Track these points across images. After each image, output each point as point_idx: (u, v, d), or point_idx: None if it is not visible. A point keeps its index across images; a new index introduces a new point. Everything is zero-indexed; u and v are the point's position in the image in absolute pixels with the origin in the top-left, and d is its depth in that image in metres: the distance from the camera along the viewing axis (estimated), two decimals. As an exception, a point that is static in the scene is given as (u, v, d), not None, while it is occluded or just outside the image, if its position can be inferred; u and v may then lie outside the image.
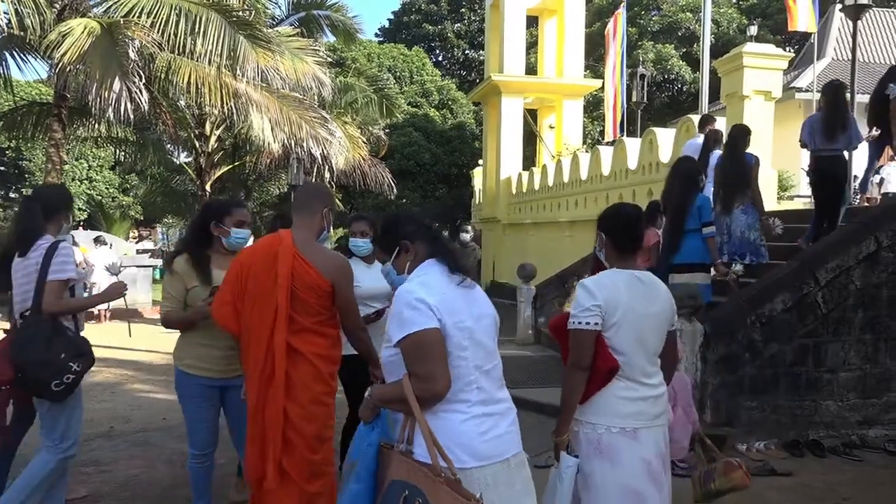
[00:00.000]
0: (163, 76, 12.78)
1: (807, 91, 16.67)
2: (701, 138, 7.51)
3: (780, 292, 5.52)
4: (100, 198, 29.95)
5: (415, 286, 2.30)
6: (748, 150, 6.29)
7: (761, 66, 9.76)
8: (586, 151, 16.82)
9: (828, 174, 6.69)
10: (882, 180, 12.54)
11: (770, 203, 7.47)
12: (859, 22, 10.21)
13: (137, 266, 16.64)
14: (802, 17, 13.45)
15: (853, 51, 9.98)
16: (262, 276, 2.95)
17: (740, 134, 6.37)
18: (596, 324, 2.66)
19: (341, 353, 3.17)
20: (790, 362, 5.51)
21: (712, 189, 6.42)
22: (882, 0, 29.80)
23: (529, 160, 23.19)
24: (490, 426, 2.35)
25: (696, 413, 4.13)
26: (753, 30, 19.54)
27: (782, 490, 4.55)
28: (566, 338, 2.75)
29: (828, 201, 6.74)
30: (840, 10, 15.12)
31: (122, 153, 18.58)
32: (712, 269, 5.85)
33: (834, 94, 6.75)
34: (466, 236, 8.31)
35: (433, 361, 2.20)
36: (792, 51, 22.48)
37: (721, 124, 10.53)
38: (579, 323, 2.68)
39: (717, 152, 6.75)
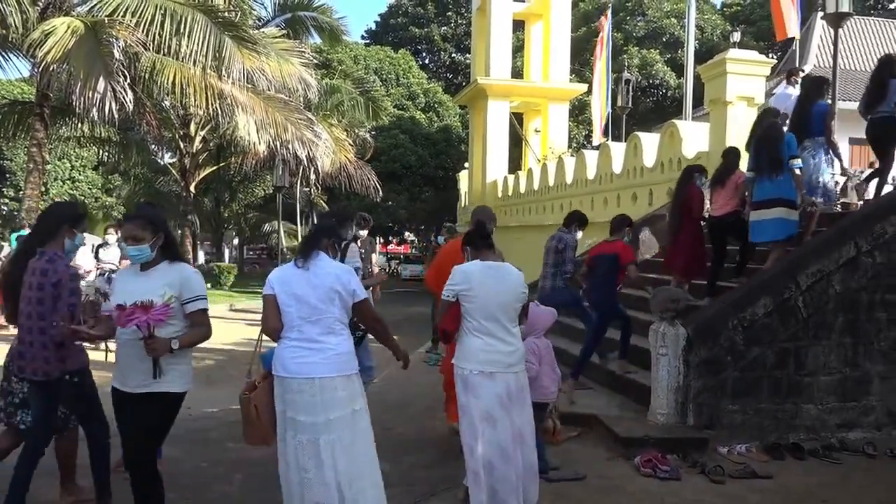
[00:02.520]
0: (147, 76, 12.71)
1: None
2: (790, 89, 8.11)
3: (761, 296, 5.57)
4: (82, 198, 29.66)
5: (273, 271, 3.74)
6: (822, 101, 6.69)
7: (744, 72, 9.86)
8: (572, 155, 16.90)
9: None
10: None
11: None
12: (840, 30, 10.33)
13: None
14: (788, 24, 13.59)
15: (834, 58, 10.09)
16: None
17: (814, 84, 6.78)
18: (452, 296, 3.87)
19: None
20: (771, 366, 5.55)
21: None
22: (863, 8, 30.24)
23: (515, 163, 23.27)
24: (300, 354, 3.44)
25: (559, 371, 4.81)
26: (737, 36, 19.71)
27: (763, 493, 4.59)
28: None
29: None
30: (822, 18, 15.32)
31: (106, 153, 18.44)
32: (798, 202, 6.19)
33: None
34: (440, 238, 8.81)
35: (267, 311, 3.54)
36: (775, 57, 22.70)
37: (704, 130, 10.65)
38: (444, 295, 3.94)
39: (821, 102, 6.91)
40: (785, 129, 6.61)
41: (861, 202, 7.59)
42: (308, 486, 3.40)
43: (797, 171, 6.06)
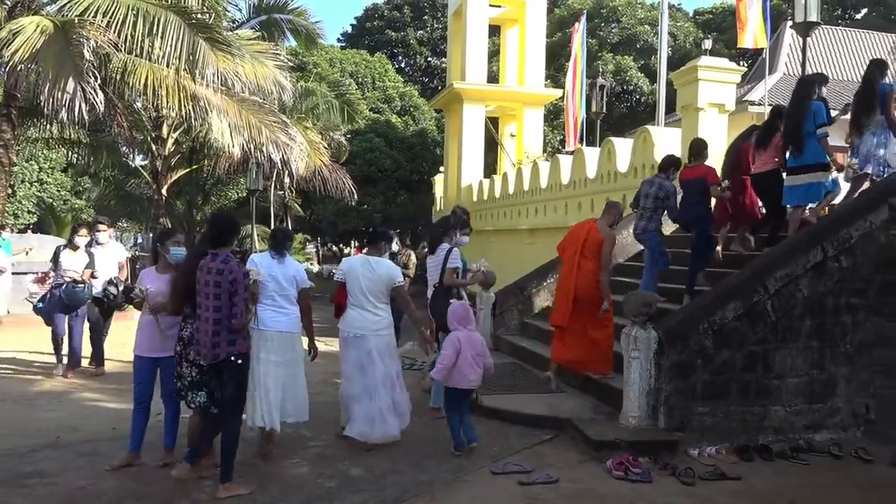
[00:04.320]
0: (119, 77, 12.50)
1: (759, 104, 17.11)
2: None
3: (731, 300, 5.65)
4: (50, 201, 29.14)
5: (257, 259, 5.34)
6: (884, 81, 7.03)
7: (715, 79, 10.01)
8: (546, 160, 16.99)
9: None
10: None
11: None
12: (809, 38, 10.56)
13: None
14: (750, 35, 13.82)
15: (803, 66, 10.30)
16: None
17: (877, 66, 7.10)
18: (339, 279, 5.55)
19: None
20: (741, 369, 5.64)
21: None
22: (831, 18, 30.88)
23: (490, 168, 23.33)
24: (274, 315, 5.09)
25: (491, 360, 5.47)
26: (708, 44, 19.99)
27: (732, 494, 4.66)
28: None
29: None
30: (791, 27, 15.61)
31: (75, 155, 18.11)
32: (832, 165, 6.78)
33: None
34: (395, 247, 8.98)
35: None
36: (745, 65, 23.15)
37: (677, 135, 10.78)
38: (335, 278, 5.67)
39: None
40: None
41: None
42: (267, 398, 5.00)
43: (824, 139, 6.59)
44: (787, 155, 6.96)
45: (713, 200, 7.35)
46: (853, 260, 5.90)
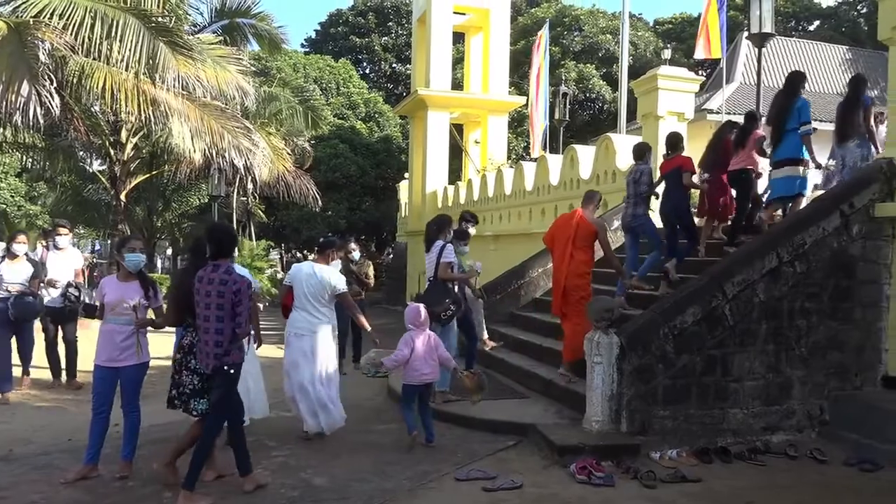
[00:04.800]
0: (76, 80, 12.26)
1: (717, 113, 17.50)
2: None
3: (690, 305, 5.75)
4: (3, 206, 28.34)
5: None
6: (866, 94, 7.31)
7: (674, 88, 10.21)
8: (511, 167, 17.10)
9: None
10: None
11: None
12: (764, 49, 10.83)
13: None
14: (708, 45, 14.15)
15: (758, 76, 10.56)
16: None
17: (862, 81, 7.42)
18: (286, 283, 6.06)
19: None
20: (700, 372, 5.74)
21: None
22: (785, 30, 31.76)
23: (455, 174, 23.39)
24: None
25: (448, 353, 5.83)
26: (667, 53, 20.40)
27: (692, 496, 4.73)
28: None
29: None
30: (747, 38, 16.00)
31: (30, 160, 17.68)
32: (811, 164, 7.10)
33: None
34: (357, 255, 9.14)
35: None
36: (704, 74, 23.64)
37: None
38: (284, 283, 6.19)
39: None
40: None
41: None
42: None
43: (806, 136, 6.88)
44: (770, 149, 7.31)
45: (697, 193, 7.79)
46: (807, 265, 6.07)
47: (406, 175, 24.98)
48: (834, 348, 6.11)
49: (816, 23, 36.29)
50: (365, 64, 40.09)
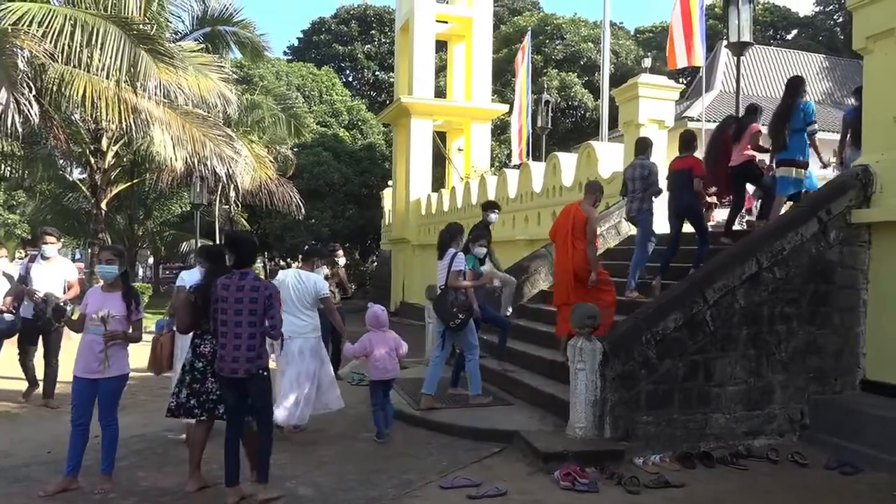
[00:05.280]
0: (55, 88, 12.15)
1: (697, 120, 17.70)
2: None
3: (672, 311, 5.80)
4: (-18, 215, 27.99)
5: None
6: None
7: (655, 96, 10.30)
8: (494, 174, 17.17)
9: None
10: None
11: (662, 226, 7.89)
12: (743, 57, 10.97)
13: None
14: (687, 53, 14.28)
15: (737, 83, 10.70)
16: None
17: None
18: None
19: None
20: (682, 378, 5.79)
21: None
22: (763, 38, 32.19)
23: (439, 182, 23.44)
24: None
25: (404, 349, 6.24)
26: (648, 62, 20.59)
27: (675, 502, 4.76)
28: None
29: None
30: (725, 47, 16.20)
31: (9, 168, 17.47)
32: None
33: None
34: (341, 261, 9.29)
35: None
36: (684, 82, 23.87)
37: (619, 150, 11.04)
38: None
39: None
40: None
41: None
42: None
43: (812, 136, 7.14)
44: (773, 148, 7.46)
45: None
46: (786, 271, 6.14)
47: (390, 183, 24.99)
48: (813, 353, 6.19)
49: (794, 31, 36.87)
50: (348, 72, 40.11)
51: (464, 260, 6.87)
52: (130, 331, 4.92)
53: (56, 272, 7.56)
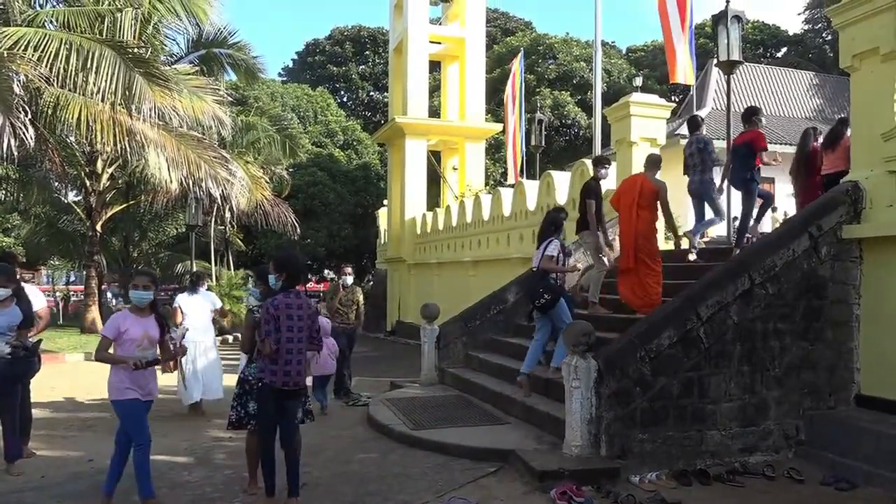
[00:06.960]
0: (50, 112, 12.22)
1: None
2: None
3: (666, 328, 5.81)
4: (-24, 238, 27.91)
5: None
6: None
7: (647, 114, 10.40)
8: (488, 193, 17.24)
9: None
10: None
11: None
12: (733, 76, 11.09)
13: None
14: (681, 70, 14.41)
15: (728, 101, 10.80)
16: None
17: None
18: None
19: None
20: (677, 395, 5.79)
21: None
22: (753, 56, 32.53)
23: (434, 201, 23.52)
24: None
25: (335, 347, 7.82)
26: (639, 80, 20.79)
27: (672, 519, 4.76)
28: None
29: None
30: (716, 66, 16.37)
31: (3, 191, 17.49)
32: None
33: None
34: (349, 279, 9.64)
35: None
36: (676, 100, 24.11)
37: (612, 168, 11.08)
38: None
39: None
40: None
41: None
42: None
43: None
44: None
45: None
46: (778, 287, 6.17)
47: (385, 202, 25.05)
48: (807, 368, 6.21)
49: (784, 49, 37.26)
50: (342, 92, 40.38)
51: (557, 246, 7.15)
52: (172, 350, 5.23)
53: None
